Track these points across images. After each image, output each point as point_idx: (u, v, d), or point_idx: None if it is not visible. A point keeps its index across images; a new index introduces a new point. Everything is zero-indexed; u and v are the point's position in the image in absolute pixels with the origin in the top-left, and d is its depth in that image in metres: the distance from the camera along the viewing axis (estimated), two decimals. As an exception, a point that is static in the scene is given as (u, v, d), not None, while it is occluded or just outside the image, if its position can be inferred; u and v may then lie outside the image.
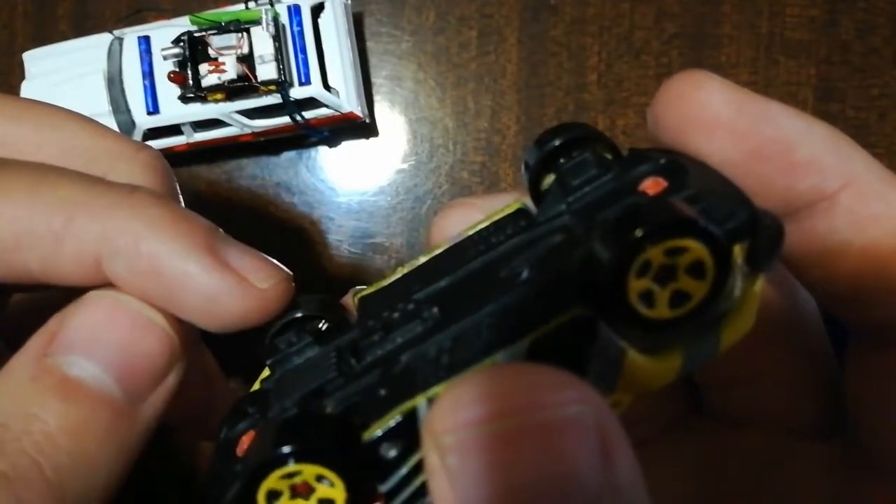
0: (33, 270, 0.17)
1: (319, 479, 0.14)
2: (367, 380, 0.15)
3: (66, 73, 0.46)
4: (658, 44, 0.48)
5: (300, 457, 0.14)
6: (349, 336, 0.17)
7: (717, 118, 0.16)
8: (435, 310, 0.16)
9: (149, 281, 0.16)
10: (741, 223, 0.14)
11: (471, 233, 0.18)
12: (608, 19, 0.48)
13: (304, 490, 0.15)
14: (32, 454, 0.14)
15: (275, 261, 0.18)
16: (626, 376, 0.15)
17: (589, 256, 0.14)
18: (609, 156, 0.17)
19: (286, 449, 0.14)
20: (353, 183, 0.49)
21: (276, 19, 0.43)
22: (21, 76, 0.47)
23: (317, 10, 0.45)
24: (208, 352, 0.24)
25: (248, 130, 0.46)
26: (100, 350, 0.15)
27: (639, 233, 0.13)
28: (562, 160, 0.17)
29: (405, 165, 0.49)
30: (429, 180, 0.48)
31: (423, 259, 0.18)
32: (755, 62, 0.47)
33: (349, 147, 0.49)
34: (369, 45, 0.49)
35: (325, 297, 0.18)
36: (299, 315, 0.18)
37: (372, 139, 0.49)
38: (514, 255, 0.16)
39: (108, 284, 0.17)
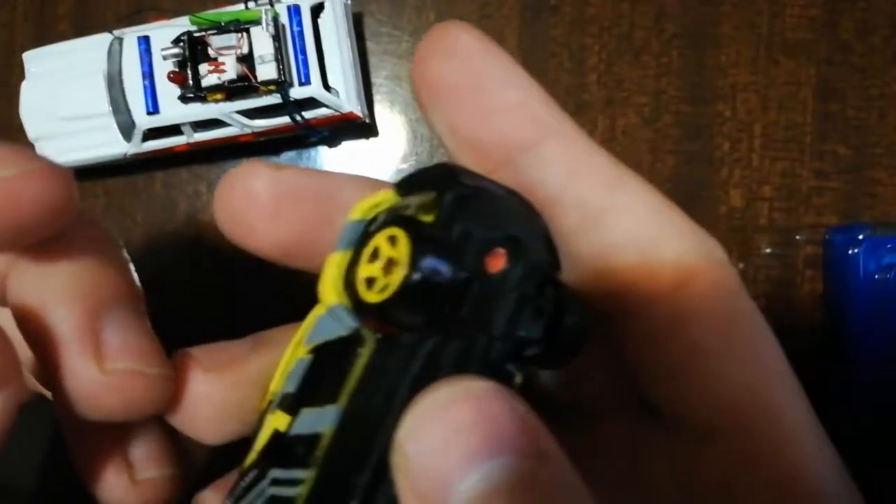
0: None
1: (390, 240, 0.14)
2: None
3: (66, 73, 0.46)
4: (658, 44, 0.48)
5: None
6: None
7: (456, 49, 0.17)
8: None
9: None
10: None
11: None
12: (608, 19, 0.48)
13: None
14: None
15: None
16: None
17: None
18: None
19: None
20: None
21: (275, 19, 0.43)
22: (21, 76, 0.47)
23: (317, 10, 0.45)
24: None
25: (248, 130, 0.46)
26: None
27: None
28: None
29: (405, 165, 0.49)
30: (429, 180, 0.48)
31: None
32: (755, 62, 0.47)
33: (349, 147, 0.49)
34: (369, 45, 0.49)
35: None
36: None
37: (372, 139, 0.49)
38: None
39: None
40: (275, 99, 0.44)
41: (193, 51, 0.44)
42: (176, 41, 0.44)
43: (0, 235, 0.15)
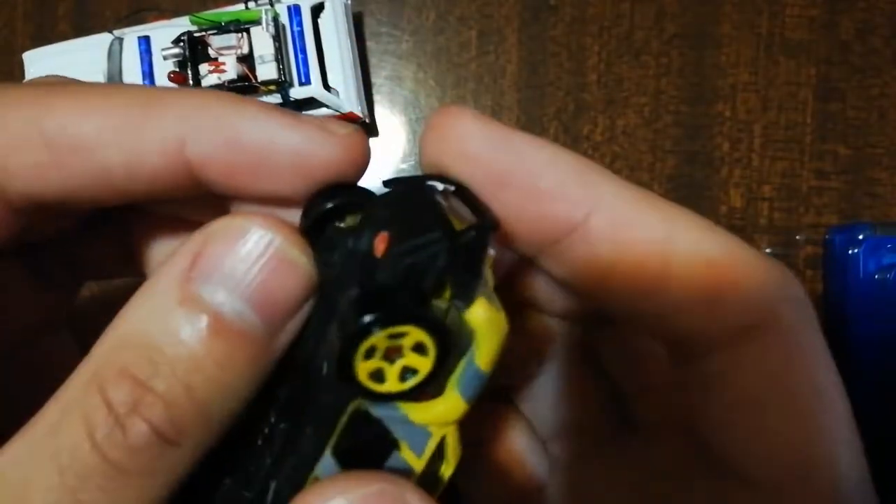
0: (114, 167, 0.17)
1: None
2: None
3: (66, 73, 0.46)
4: (658, 44, 0.48)
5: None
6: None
7: (466, 149, 0.17)
8: (282, 426, 0.17)
9: (234, 152, 0.17)
10: (440, 269, 0.16)
11: None
12: (608, 19, 0.48)
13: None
14: (184, 380, 0.15)
15: None
16: (428, 425, 0.17)
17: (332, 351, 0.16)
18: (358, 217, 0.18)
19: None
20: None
21: (276, 19, 0.43)
22: (21, 76, 0.47)
23: (317, 10, 0.45)
24: None
25: (248, 130, 0.46)
26: (245, 286, 0.16)
27: (359, 325, 0.15)
28: (324, 231, 0.18)
29: (405, 165, 0.49)
30: (429, 180, 0.48)
31: None
32: (755, 62, 0.47)
33: (349, 147, 0.49)
34: (369, 45, 0.49)
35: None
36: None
37: (372, 139, 0.49)
38: (318, 344, 0.17)
39: (193, 179, 0.17)
40: (275, 99, 0.44)
41: (194, 51, 0.44)
42: (176, 41, 0.44)
43: (334, 175, 0.17)
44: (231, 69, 0.43)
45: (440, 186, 0.17)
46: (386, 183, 0.18)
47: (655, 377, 0.21)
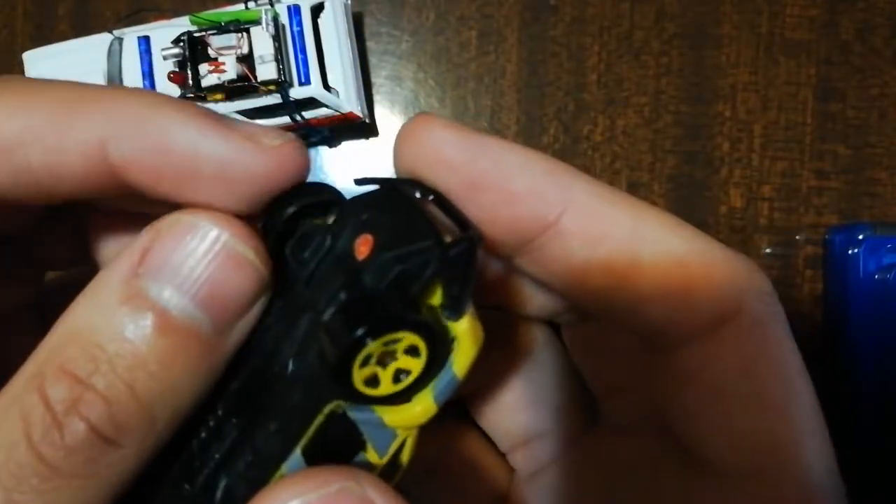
0: (36, 168, 0.16)
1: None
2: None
3: (66, 73, 0.46)
4: (658, 44, 0.48)
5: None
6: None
7: (440, 155, 0.17)
8: (234, 421, 0.17)
9: (158, 159, 0.16)
10: (428, 278, 0.16)
11: None
12: (608, 19, 0.48)
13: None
14: (126, 378, 0.15)
15: None
16: (396, 427, 0.17)
17: (322, 357, 0.16)
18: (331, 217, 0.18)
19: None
20: (354, 183, 0.49)
21: (275, 19, 0.43)
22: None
23: (317, 10, 0.45)
24: None
25: (248, 130, 0.46)
26: (192, 283, 0.15)
27: (355, 336, 0.15)
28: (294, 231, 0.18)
29: (405, 165, 0.49)
30: (429, 180, 0.48)
31: None
32: (755, 62, 0.47)
33: (349, 147, 0.49)
34: (369, 45, 0.49)
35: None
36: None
37: (372, 139, 0.49)
38: (281, 341, 0.17)
39: (118, 182, 0.16)
40: (275, 99, 0.44)
41: (193, 51, 0.44)
42: (176, 41, 0.44)
43: (260, 195, 0.17)
44: (231, 69, 0.43)
45: (417, 193, 0.17)
46: (358, 181, 0.18)
47: (628, 376, 0.21)
